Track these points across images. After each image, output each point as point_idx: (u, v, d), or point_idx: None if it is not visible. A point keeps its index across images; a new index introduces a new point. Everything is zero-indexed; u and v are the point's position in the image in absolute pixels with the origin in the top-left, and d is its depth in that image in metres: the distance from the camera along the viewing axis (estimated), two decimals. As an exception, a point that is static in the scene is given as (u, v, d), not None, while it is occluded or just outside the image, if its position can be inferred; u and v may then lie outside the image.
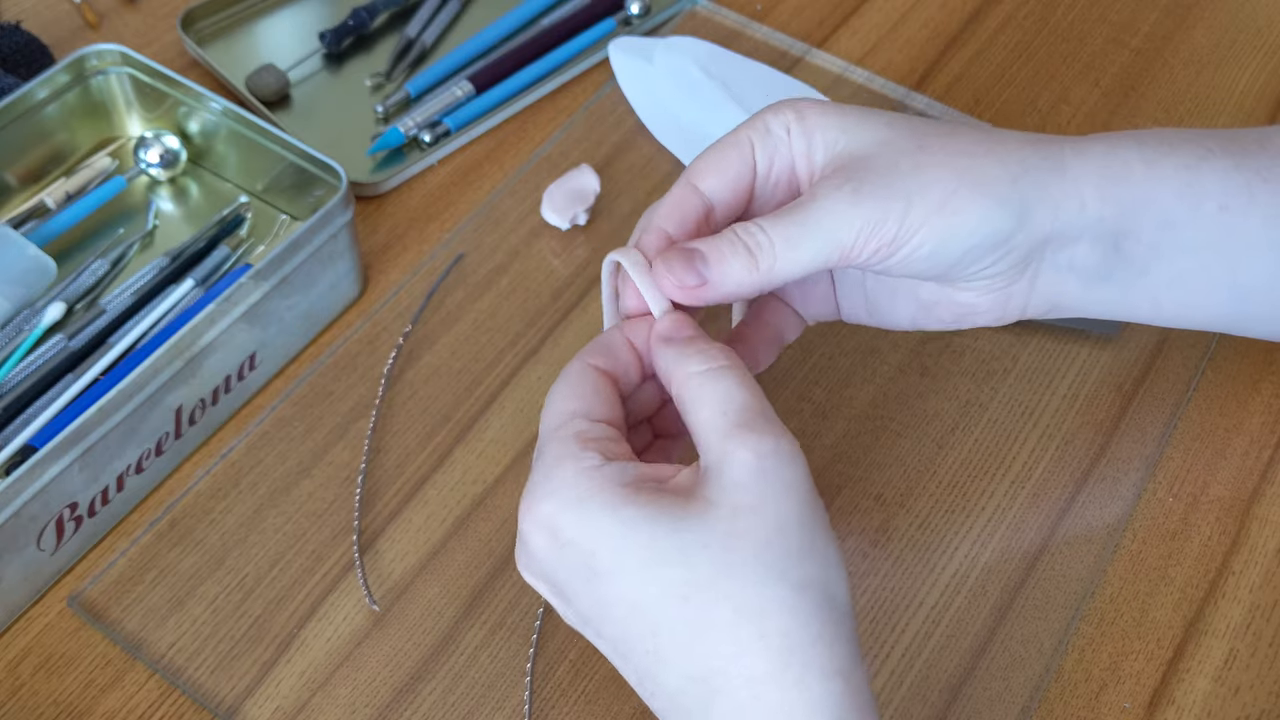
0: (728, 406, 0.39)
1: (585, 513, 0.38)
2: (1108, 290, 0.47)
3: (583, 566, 0.38)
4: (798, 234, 0.42)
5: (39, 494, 0.49)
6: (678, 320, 0.42)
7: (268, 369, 0.58)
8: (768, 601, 0.36)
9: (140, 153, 0.64)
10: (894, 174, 0.42)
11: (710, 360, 0.40)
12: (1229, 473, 0.55)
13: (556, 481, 0.38)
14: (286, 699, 0.48)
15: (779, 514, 0.37)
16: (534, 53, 0.70)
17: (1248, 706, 0.48)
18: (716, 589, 0.36)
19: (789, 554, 0.37)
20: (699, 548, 0.37)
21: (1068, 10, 0.75)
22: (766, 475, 0.37)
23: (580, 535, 0.38)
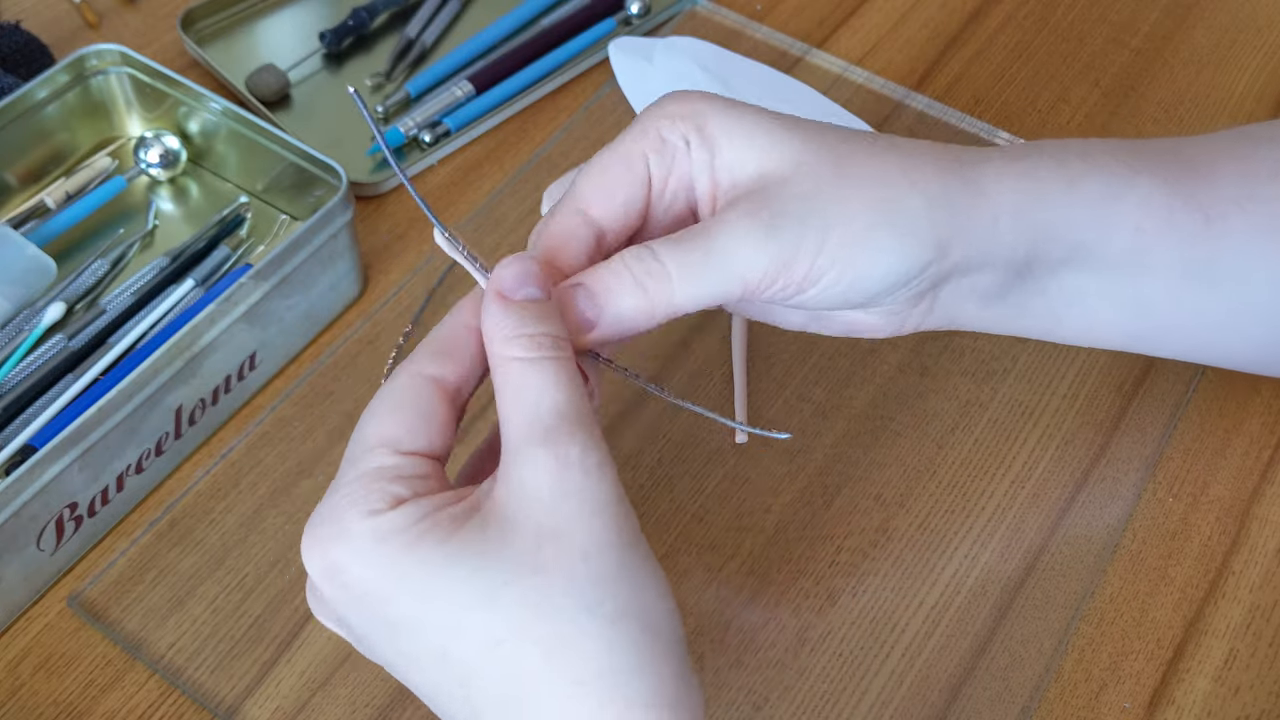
0: (539, 405, 0.35)
1: (375, 561, 0.34)
2: (1006, 309, 0.45)
3: (380, 619, 0.35)
4: (699, 266, 0.38)
5: (39, 494, 0.49)
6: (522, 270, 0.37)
7: (268, 369, 0.58)
8: (580, 638, 0.33)
9: (140, 153, 0.64)
10: (810, 208, 0.39)
11: (535, 348, 0.35)
12: (1229, 473, 0.55)
13: (345, 525, 0.34)
14: (286, 699, 0.48)
15: (586, 538, 0.34)
16: (534, 53, 0.70)
17: (1248, 706, 0.48)
18: (525, 631, 0.33)
19: (600, 583, 0.33)
20: (502, 586, 0.33)
21: (1068, 10, 0.75)
22: (570, 491, 0.34)
23: (373, 586, 0.34)
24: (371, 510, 0.34)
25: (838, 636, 0.50)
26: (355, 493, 0.35)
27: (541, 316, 0.36)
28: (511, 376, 0.36)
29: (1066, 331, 0.47)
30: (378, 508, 0.34)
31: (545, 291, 0.37)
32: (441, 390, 0.37)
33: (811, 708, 0.48)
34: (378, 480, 0.35)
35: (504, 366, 0.36)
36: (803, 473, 0.54)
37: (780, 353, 0.58)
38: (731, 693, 0.48)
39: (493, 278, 0.37)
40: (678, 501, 0.53)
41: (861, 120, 0.67)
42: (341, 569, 0.34)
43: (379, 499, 0.34)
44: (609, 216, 0.40)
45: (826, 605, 0.50)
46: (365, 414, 0.37)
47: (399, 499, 0.35)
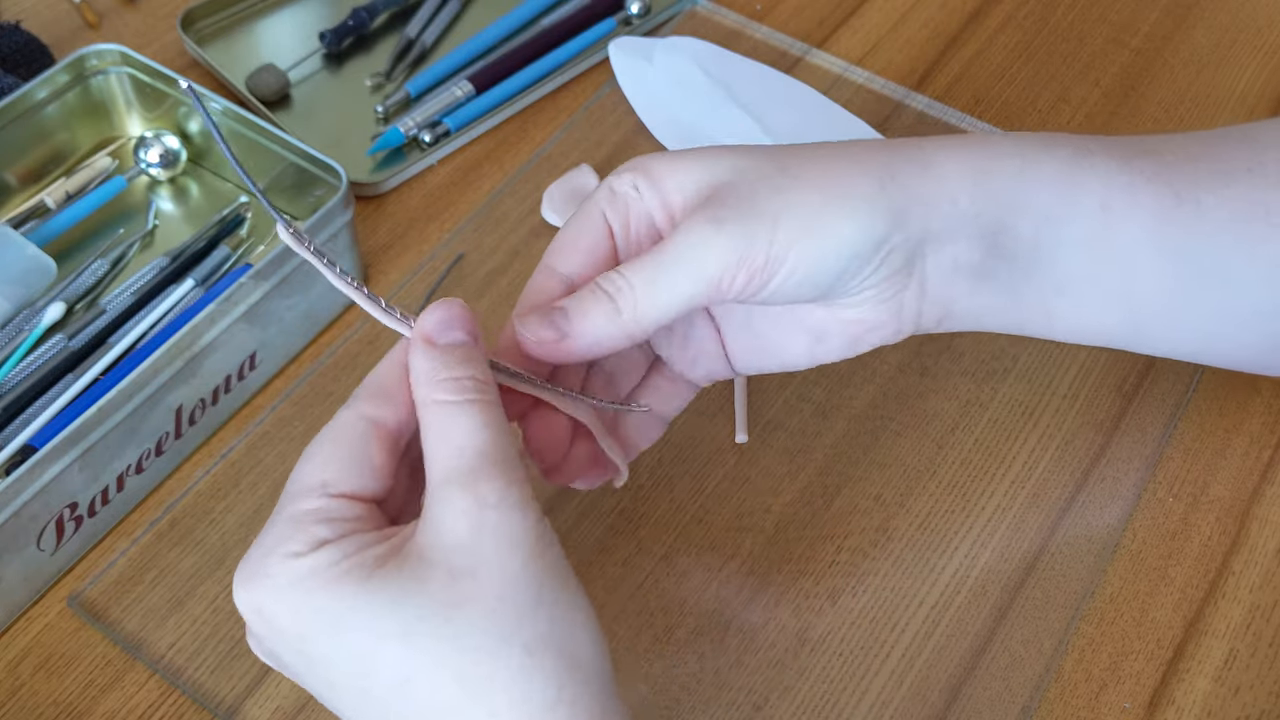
0: (459, 446, 0.35)
1: (292, 600, 0.35)
2: (997, 295, 0.45)
3: (300, 654, 0.36)
4: (658, 273, 0.39)
5: (39, 494, 0.49)
6: (447, 315, 0.38)
7: (268, 369, 0.58)
8: (496, 670, 0.33)
9: (140, 153, 0.64)
10: (755, 199, 0.40)
11: (458, 391, 0.36)
12: (1229, 473, 0.55)
13: (269, 565, 0.35)
14: (286, 699, 0.48)
15: (502, 573, 0.34)
16: (534, 53, 0.70)
17: (1248, 706, 0.48)
18: (439, 665, 0.34)
19: (516, 615, 0.34)
20: (416, 621, 0.34)
21: (1068, 10, 0.75)
22: (486, 530, 0.34)
23: (291, 623, 0.35)
24: (293, 553, 0.35)
25: (838, 636, 0.50)
26: (280, 535, 0.36)
27: (465, 360, 0.37)
28: (435, 419, 0.36)
29: (1060, 328, 0.47)
30: (299, 550, 0.35)
31: (471, 336, 0.38)
32: (380, 431, 0.38)
33: (811, 708, 0.48)
34: (303, 523, 0.36)
35: (428, 409, 0.37)
36: (803, 473, 0.54)
37: (780, 353, 0.58)
38: (731, 693, 0.48)
39: (418, 323, 0.38)
40: (678, 501, 0.53)
41: (862, 120, 0.67)
42: (263, 608, 0.35)
43: (301, 543, 0.35)
44: (576, 268, 0.42)
45: (826, 605, 0.50)
46: (304, 453, 0.38)
47: (321, 541, 0.35)
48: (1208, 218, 0.45)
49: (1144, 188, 0.45)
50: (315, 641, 0.35)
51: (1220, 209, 0.45)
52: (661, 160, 0.42)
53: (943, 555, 0.52)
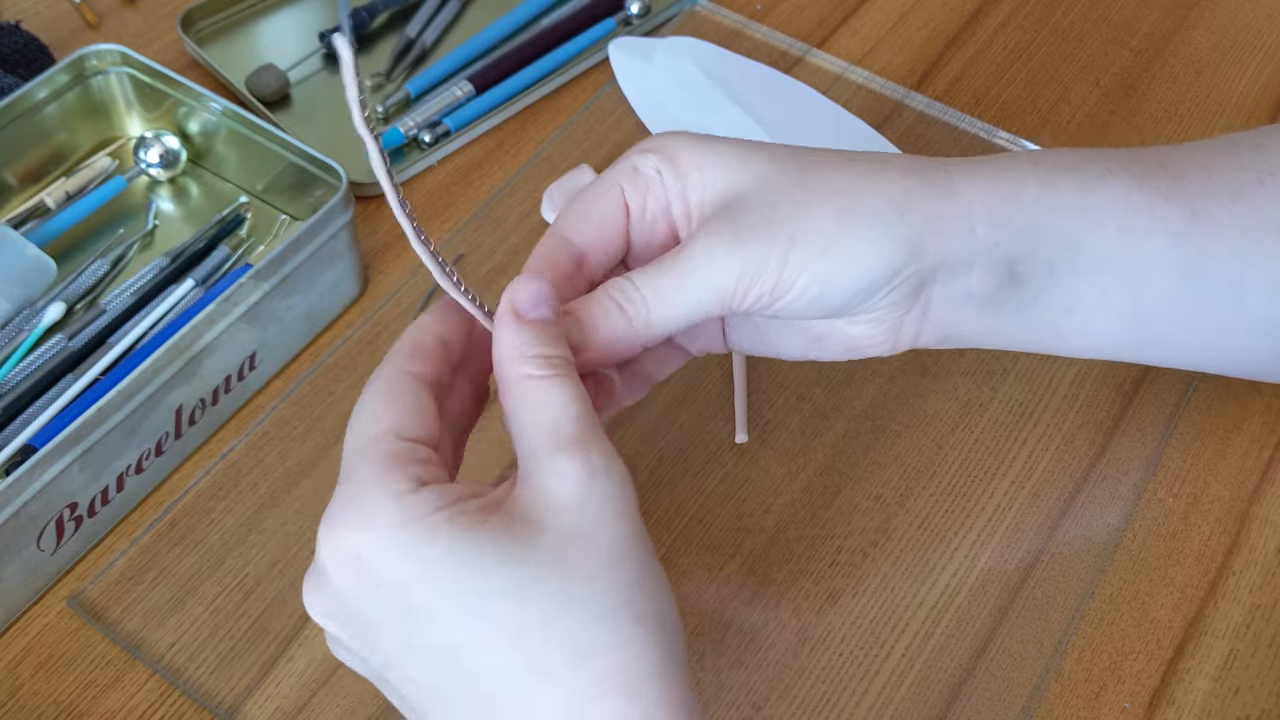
0: (562, 418, 0.35)
1: (399, 544, 0.33)
2: (1004, 319, 0.45)
3: (396, 605, 0.34)
4: (671, 285, 0.40)
5: (39, 494, 0.49)
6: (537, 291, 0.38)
7: (268, 369, 0.58)
8: (604, 636, 0.33)
9: (140, 153, 0.64)
10: (774, 217, 0.40)
11: (551, 366, 0.37)
12: (1229, 473, 0.55)
13: (366, 509, 0.34)
14: (286, 699, 0.48)
15: (613, 541, 0.34)
16: (534, 53, 0.70)
17: (1248, 706, 0.48)
18: (551, 627, 0.33)
19: (626, 585, 0.34)
20: (530, 581, 0.33)
21: (1068, 10, 0.75)
22: (597, 496, 0.34)
23: (394, 570, 0.34)
24: (395, 493, 0.34)
25: (838, 636, 0.50)
26: (375, 477, 0.34)
27: (556, 337, 0.38)
28: (529, 391, 0.36)
29: (1067, 345, 0.47)
30: (402, 489, 0.34)
31: (556, 314, 0.39)
32: (425, 384, 0.38)
33: (811, 708, 0.48)
34: (395, 463, 0.35)
35: (520, 383, 0.37)
36: (803, 473, 0.54)
37: (780, 353, 0.58)
38: (731, 693, 0.48)
39: (507, 296, 0.38)
40: (678, 501, 0.53)
41: (862, 120, 0.67)
42: (362, 555, 0.34)
43: (401, 481, 0.34)
44: (587, 240, 0.42)
45: (826, 605, 0.50)
46: (357, 411, 0.37)
47: (421, 481, 0.34)
48: (1221, 235, 0.45)
49: (1161, 206, 0.44)
50: (416, 590, 0.34)
51: (1233, 225, 0.45)
52: (687, 149, 0.42)
53: (943, 555, 0.52)
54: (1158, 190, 0.45)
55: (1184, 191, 0.45)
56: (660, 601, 0.35)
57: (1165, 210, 0.45)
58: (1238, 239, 0.45)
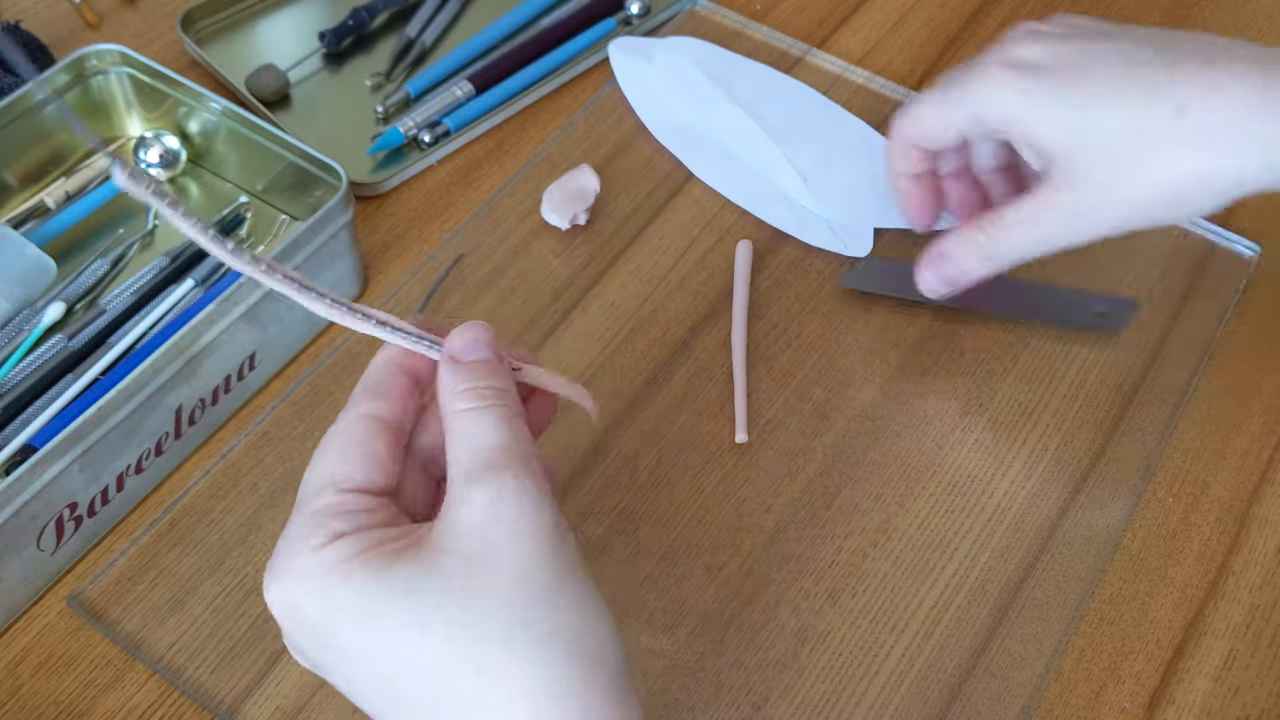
0: (478, 446, 0.37)
1: (313, 593, 0.36)
2: None
3: (327, 646, 0.36)
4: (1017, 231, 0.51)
5: (39, 494, 0.49)
6: (473, 338, 0.39)
7: (268, 369, 0.58)
8: (510, 659, 0.34)
9: (140, 153, 0.64)
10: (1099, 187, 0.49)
11: (478, 398, 0.38)
12: (1229, 473, 0.55)
13: (289, 561, 0.36)
14: (286, 699, 0.48)
15: (515, 560, 0.35)
16: (534, 53, 0.70)
17: (1248, 706, 0.48)
18: (456, 653, 0.34)
19: (530, 604, 0.34)
20: (432, 608, 0.34)
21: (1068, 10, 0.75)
22: (501, 519, 0.35)
23: (314, 617, 0.36)
24: (313, 547, 0.36)
25: (838, 636, 0.50)
26: (300, 531, 0.37)
27: (488, 373, 0.39)
28: (457, 425, 0.37)
29: None
30: (318, 544, 0.36)
31: (495, 355, 0.39)
32: (379, 425, 0.39)
33: (811, 708, 0.48)
34: (320, 518, 0.37)
35: (452, 418, 0.38)
36: (803, 473, 0.54)
37: (780, 353, 0.58)
38: (731, 693, 0.48)
39: (446, 344, 0.39)
40: (678, 501, 0.53)
41: (862, 120, 0.67)
42: (289, 603, 0.36)
43: (320, 536, 0.36)
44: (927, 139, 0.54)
45: (826, 605, 0.50)
46: (314, 455, 0.39)
47: (338, 534, 0.36)
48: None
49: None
50: (337, 633, 0.36)
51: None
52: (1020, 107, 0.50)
53: (943, 555, 0.52)
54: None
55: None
56: (578, 617, 0.35)
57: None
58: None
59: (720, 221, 0.63)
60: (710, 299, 0.60)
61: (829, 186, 0.63)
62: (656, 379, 0.57)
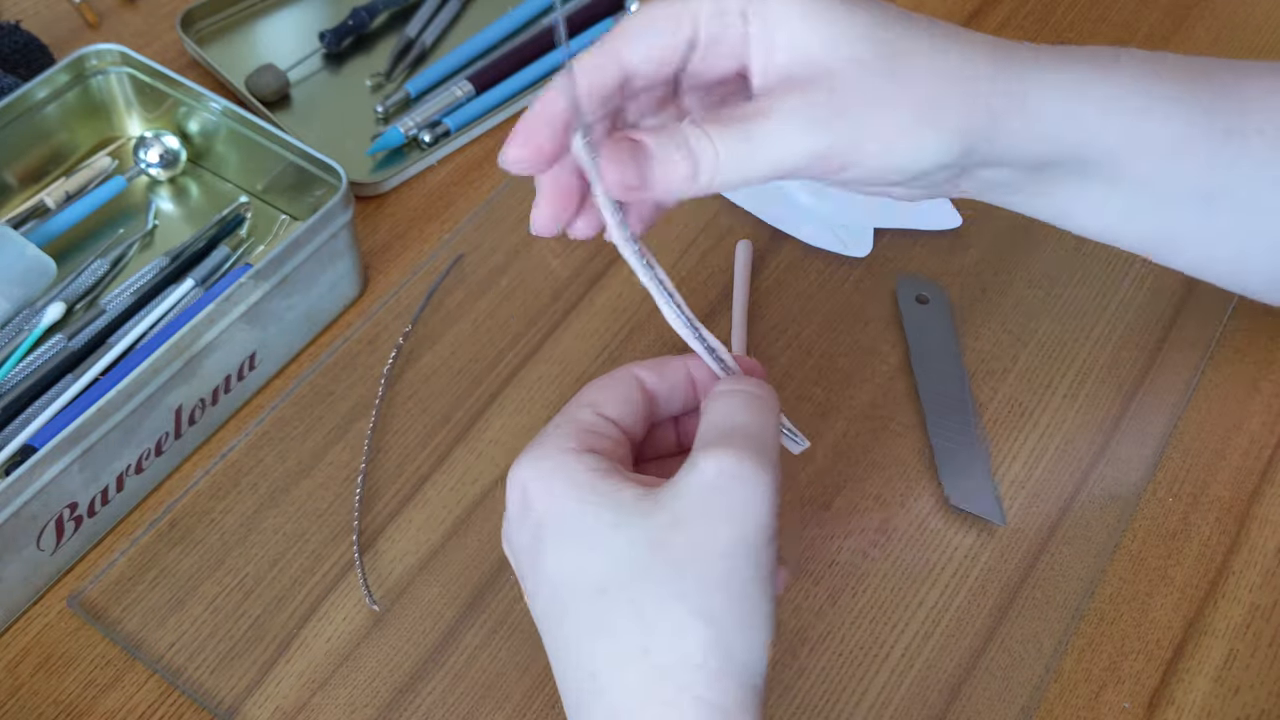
0: (724, 422, 0.39)
1: (549, 483, 0.39)
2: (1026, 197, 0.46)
3: (533, 533, 0.39)
4: (745, 151, 0.40)
5: (39, 494, 0.49)
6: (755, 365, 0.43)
7: (268, 369, 0.58)
8: (660, 619, 0.36)
9: (140, 153, 0.64)
10: (851, 105, 0.40)
11: (737, 383, 0.41)
12: (1229, 473, 0.55)
13: (538, 452, 0.39)
14: (286, 699, 0.48)
15: (708, 539, 0.36)
16: (534, 53, 0.70)
17: (1248, 706, 0.48)
18: (628, 590, 0.37)
19: (697, 583, 0.36)
20: (627, 544, 0.37)
21: (1068, 10, 0.75)
22: (714, 492, 0.37)
23: (539, 502, 0.39)
24: (567, 449, 0.39)
25: (838, 636, 0.50)
26: (559, 434, 0.40)
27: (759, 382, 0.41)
28: (716, 402, 0.40)
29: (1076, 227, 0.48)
30: (573, 447, 0.39)
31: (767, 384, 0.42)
32: (645, 391, 0.42)
33: (811, 708, 0.48)
34: (579, 430, 0.40)
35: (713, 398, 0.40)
36: (803, 473, 0.54)
37: (780, 353, 0.58)
38: (731, 693, 0.48)
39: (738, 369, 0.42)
40: (678, 501, 0.53)
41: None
42: (528, 486, 0.39)
43: (574, 442, 0.39)
44: (637, 59, 0.42)
45: (826, 605, 0.50)
46: (582, 389, 0.42)
47: (589, 448, 0.39)
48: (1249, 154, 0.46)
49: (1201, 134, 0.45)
50: (548, 524, 0.38)
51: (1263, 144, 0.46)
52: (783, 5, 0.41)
53: (942, 555, 0.52)
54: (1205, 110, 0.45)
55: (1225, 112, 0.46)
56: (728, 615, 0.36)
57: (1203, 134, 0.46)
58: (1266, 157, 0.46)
59: (720, 221, 0.63)
60: (710, 299, 0.60)
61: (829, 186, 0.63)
62: (656, 379, 0.57)
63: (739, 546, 0.36)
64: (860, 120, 0.41)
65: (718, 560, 0.36)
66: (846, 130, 0.41)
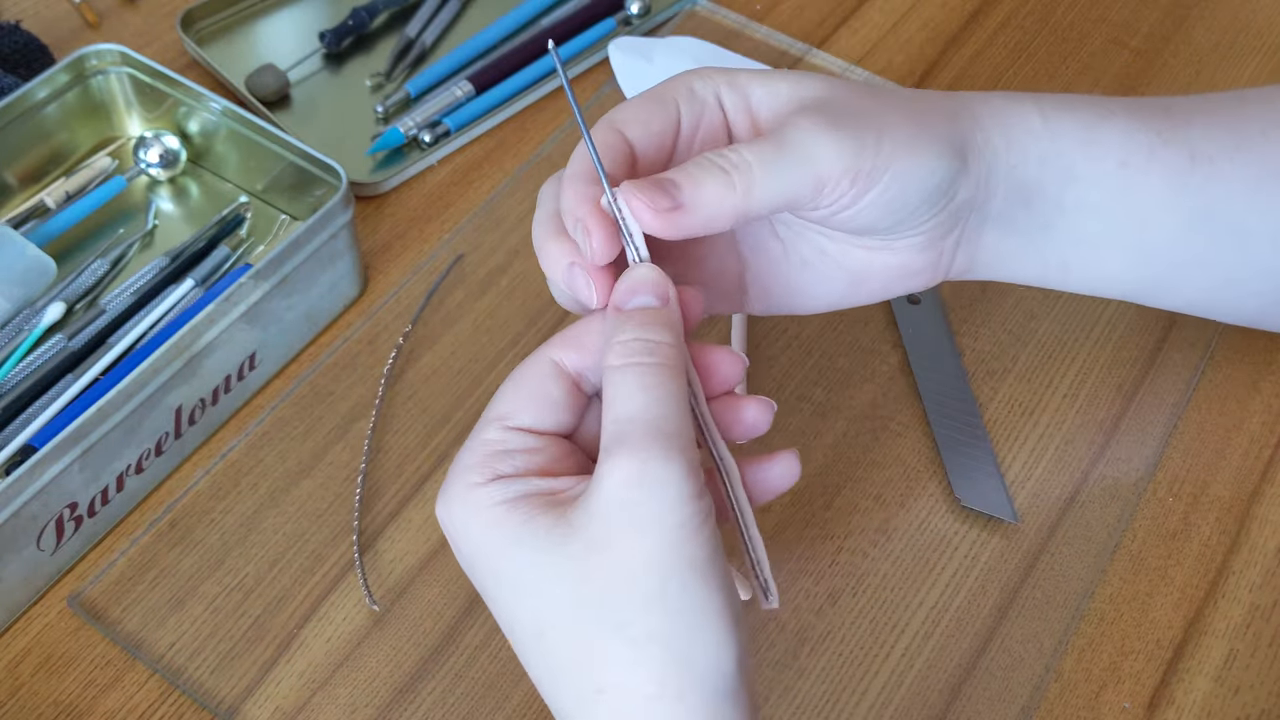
0: (619, 413, 0.35)
1: (463, 526, 0.37)
2: (1018, 243, 0.46)
3: (473, 570, 0.38)
4: (776, 156, 0.39)
5: (39, 494, 0.49)
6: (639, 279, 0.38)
7: (268, 369, 0.58)
8: (605, 652, 0.34)
9: (140, 153, 0.64)
10: (860, 112, 0.41)
11: (624, 354, 0.36)
12: (1229, 473, 0.55)
13: (449, 492, 0.38)
14: (286, 699, 0.48)
15: (629, 556, 0.34)
16: (534, 53, 0.70)
17: (1248, 706, 0.48)
18: (565, 632, 0.35)
19: (632, 604, 0.34)
20: (551, 582, 0.35)
21: (1068, 10, 0.75)
22: (626, 507, 0.34)
23: (462, 546, 0.38)
24: (471, 484, 0.37)
25: (838, 637, 0.50)
26: (466, 464, 0.38)
27: (644, 323, 0.37)
28: (608, 380, 0.37)
29: (1075, 277, 0.48)
30: (478, 480, 0.37)
31: (660, 299, 0.38)
32: (559, 370, 0.39)
33: (811, 708, 0.48)
34: (485, 454, 0.37)
35: (605, 376, 0.37)
36: (803, 473, 0.54)
37: (780, 353, 0.58)
38: (731, 693, 0.48)
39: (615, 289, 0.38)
40: (678, 501, 0.53)
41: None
42: (448, 526, 0.38)
43: (479, 474, 0.37)
44: (642, 139, 0.41)
45: (826, 605, 0.50)
46: (498, 392, 0.39)
47: (496, 475, 0.37)
48: (1223, 181, 0.46)
49: (1160, 149, 0.46)
50: (477, 567, 0.37)
51: (1235, 173, 0.46)
52: (746, 73, 0.42)
53: (943, 555, 0.52)
54: (1159, 133, 0.46)
55: (1185, 136, 0.46)
56: (677, 622, 0.34)
57: (1165, 153, 0.46)
58: (1240, 187, 0.46)
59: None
60: (710, 299, 0.60)
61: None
62: (656, 379, 0.57)
63: (662, 553, 0.34)
64: (871, 125, 0.41)
65: (644, 577, 0.34)
66: (865, 133, 0.40)
